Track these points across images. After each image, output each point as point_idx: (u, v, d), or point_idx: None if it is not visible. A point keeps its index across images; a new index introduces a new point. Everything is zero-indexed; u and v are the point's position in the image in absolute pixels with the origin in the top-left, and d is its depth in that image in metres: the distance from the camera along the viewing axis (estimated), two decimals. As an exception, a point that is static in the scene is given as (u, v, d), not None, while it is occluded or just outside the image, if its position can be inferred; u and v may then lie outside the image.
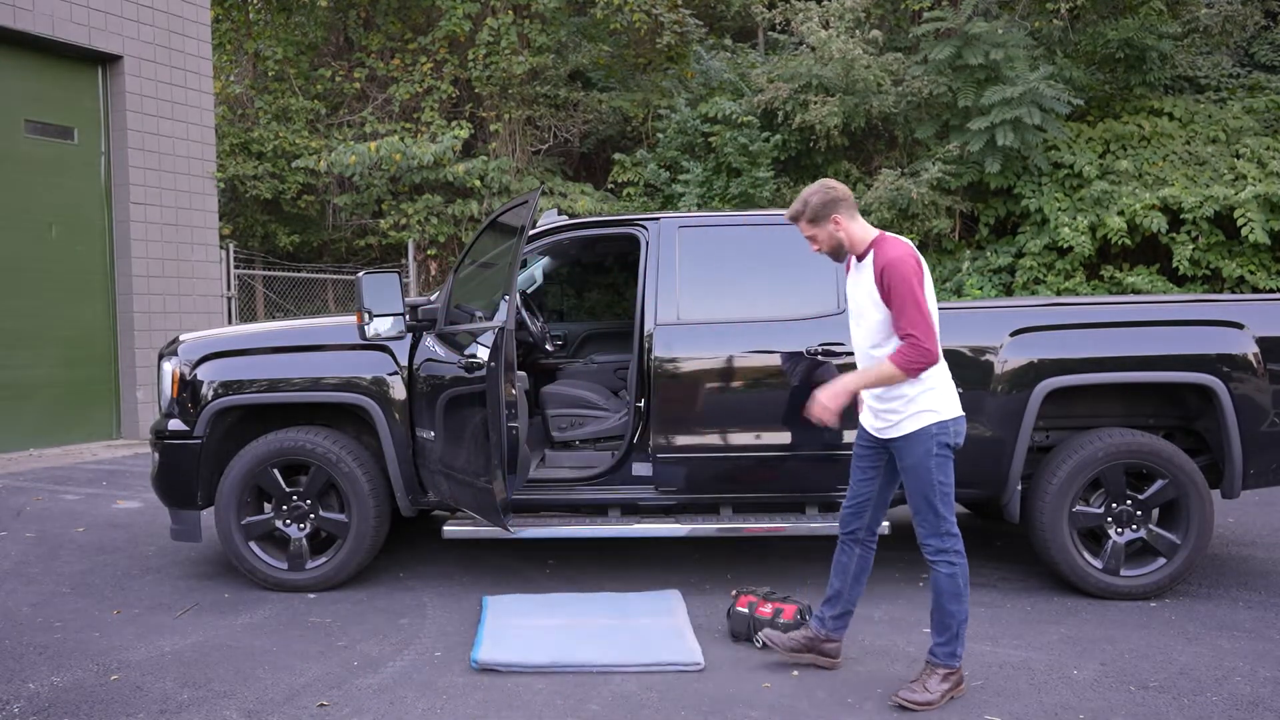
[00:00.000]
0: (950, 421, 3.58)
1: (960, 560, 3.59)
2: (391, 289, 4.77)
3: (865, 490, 3.83)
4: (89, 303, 10.46)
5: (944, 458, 3.58)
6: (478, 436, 4.27)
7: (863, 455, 3.82)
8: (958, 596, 3.58)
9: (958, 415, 3.61)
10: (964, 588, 3.59)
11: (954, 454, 3.62)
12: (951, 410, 3.60)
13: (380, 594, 4.95)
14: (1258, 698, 3.60)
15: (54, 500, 7.35)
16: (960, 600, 3.58)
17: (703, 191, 13.62)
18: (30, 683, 3.82)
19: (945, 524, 3.59)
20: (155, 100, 10.91)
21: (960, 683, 3.62)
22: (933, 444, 3.54)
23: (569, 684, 3.76)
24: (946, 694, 3.57)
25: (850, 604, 3.91)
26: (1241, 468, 4.73)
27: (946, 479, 3.59)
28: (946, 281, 13.15)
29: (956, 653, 3.60)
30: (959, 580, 3.58)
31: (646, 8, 14.49)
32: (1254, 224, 11.69)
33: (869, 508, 3.85)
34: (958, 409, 3.63)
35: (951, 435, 3.58)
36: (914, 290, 3.45)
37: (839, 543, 3.93)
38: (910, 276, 3.46)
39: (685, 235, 5.03)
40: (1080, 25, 14.17)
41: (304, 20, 15.63)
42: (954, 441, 3.60)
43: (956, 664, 3.60)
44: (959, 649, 3.61)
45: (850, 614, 3.93)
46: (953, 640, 3.60)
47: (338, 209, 14.98)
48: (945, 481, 3.58)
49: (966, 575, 3.61)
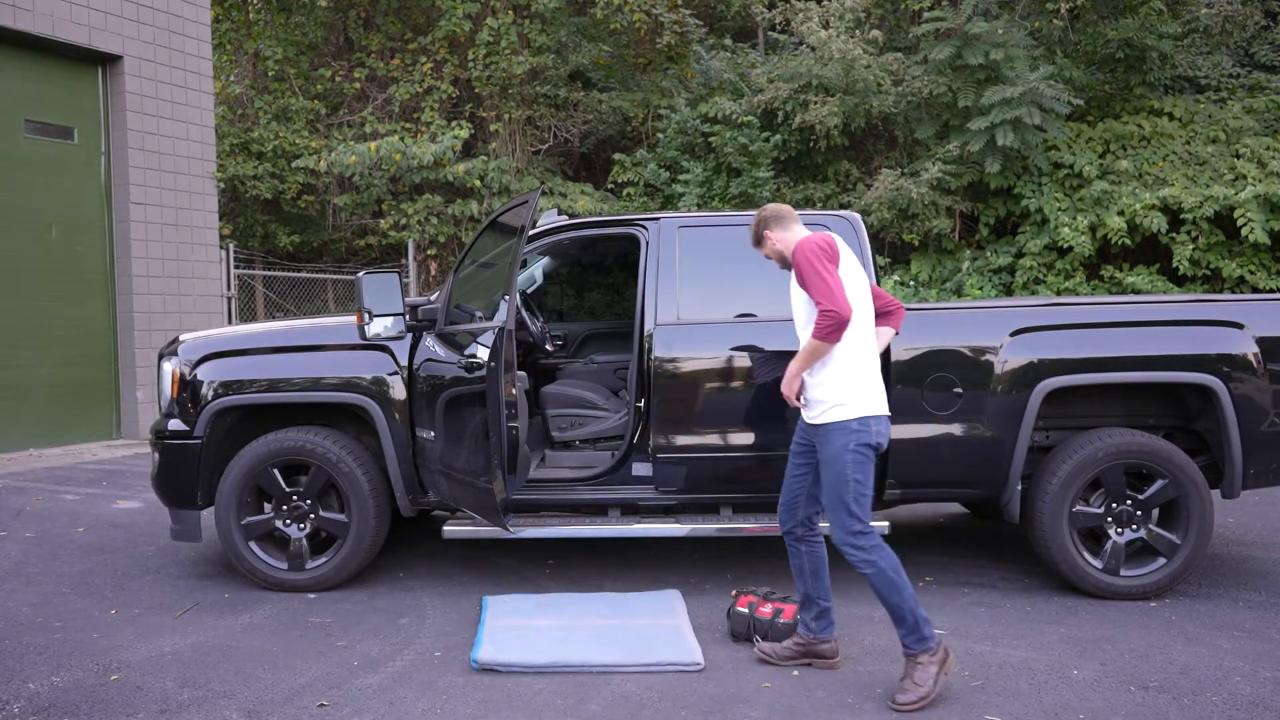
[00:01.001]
0: (871, 419, 3.66)
1: (880, 555, 3.63)
2: (391, 289, 4.77)
3: (797, 486, 3.93)
4: (89, 303, 10.46)
5: (862, 456, 3.64)
6: (478, 436, 4.26)
7: (798, 451, 3.92)
8: (894, 587, 3.61)
9: (880, 414, 3.69)
10: (896, 577, 3.61)
11: (875, 456, 3.68)
12: (873, 408, 3.67)
13: (380, 594, 4.95)
14: (1258, 698, 3.60)
15: (54, 500, 7.36)
16: (898, 591, 3.61)
17: (703, 191, 13.62)
18: (30, 683, 3.82)
19: (856, 524, 3.64)
20: (155, 100, 10.91)
21: (946, 659, 3.61)
22: (851, 439, 3.63)
23: (569, 684, 3.76)
24: (935, 676, 3.57)
25: (823, 601, 3.93)
26: (1241, 468, 4.72)
27: (863, 479, 3.64)
28: (946, 281, 13.16)
29: (924, 635, 3.60)
30: (888, 574, 3.61)
31: (646, 8, 14.49)
32: (1254, 224, 11.69)
33: (800, 504, 3.92)
34: (881, 408, 3.70)
35: (872, 434, 3.65)
36: (814, 266, 3.60)
37: (787, 546, 4.01)
38: (811, 255, 3.62)
39: (685, 235, 5.03)
40: (1080, 25, 14.18)
41: (304, 20, 15.62)
42: (875, 441, 3.66)
43: (932, 644, 3.60)
44: (925, 630, 3.61)
45: (828, 612, 3.93)
46: (914, 627, 3.61)
47: (338, 209, 14.98)
48: (861, 481, 3.64)
49: (894, 563, 3.63)
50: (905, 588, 3.62)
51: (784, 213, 3.88)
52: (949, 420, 4.77)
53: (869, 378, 3.70)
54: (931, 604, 4.71)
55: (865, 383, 3.69)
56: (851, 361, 3.67)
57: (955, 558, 5.58)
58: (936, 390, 4.77)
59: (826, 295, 3.55)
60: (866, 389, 3.68)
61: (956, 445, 4.78)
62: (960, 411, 4.76)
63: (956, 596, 4.85)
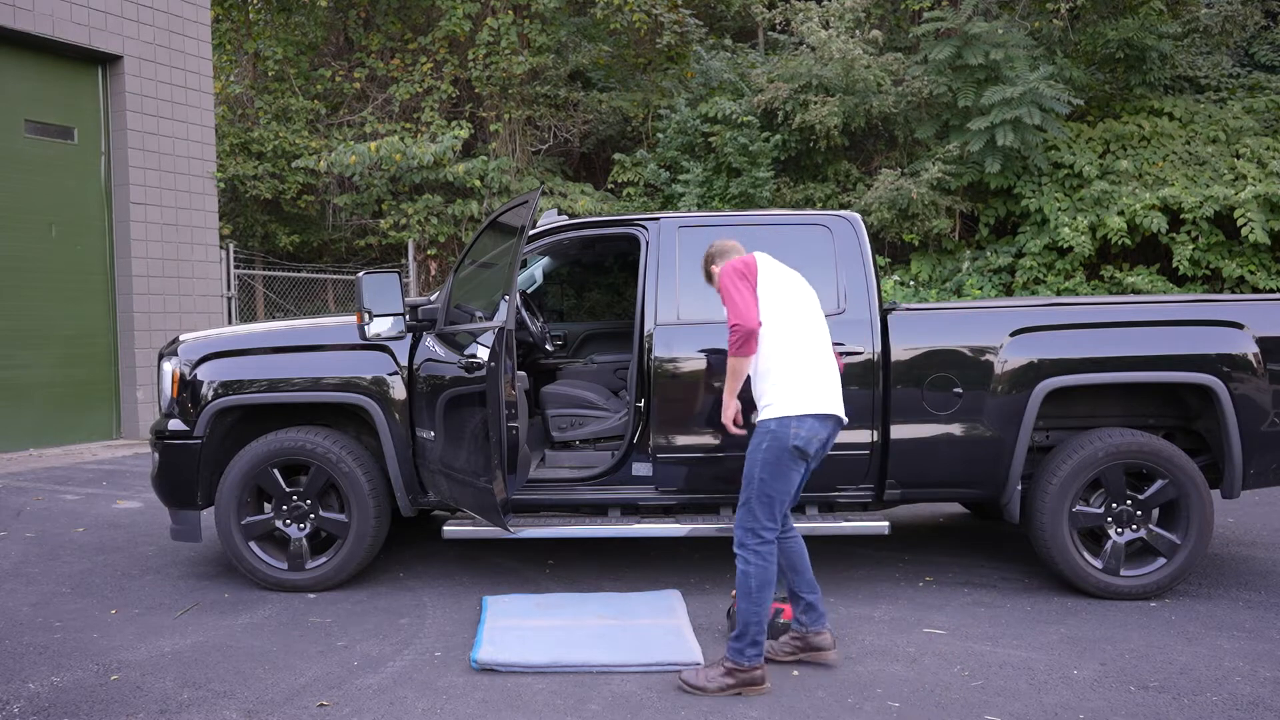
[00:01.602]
0: (793, 419, 3.68)
1: (757, 563, 3.65)
2: (391, 289, 4.77)
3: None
4: (89, 303, 10.46)
5: (774, 457, 3.67)
6: (478, 436, 4.26)
7: None
8: (750, 597, 3.64)
9: (801, 413, 3.69)
10: (758, 591, 3.64)
11: (798, 457, 3.69)
12: (796, 408, 3.69)
13: (380, 594, 4.95)
14: (1258, 698, 3.60)
15: (54, 500, 7.35)
16: (751, 600, 3.64)
17: (703, 191, 13.62)
18: (30, 683, 3.82)
19: (756, 523, 3.68)
20: (155, 100, 10.91)
21: (751, 684, 3.62)
22: (765, 439, 3.71)
23: (569, 684, 3.76)
24: (727, 689, 3.60)
25: (806, 595, 3.95)
26: (1241, 468, 4.72)
27: (769, 478, 3.68)
28: (946, 281, 13.16)
29: (744, 652, 3.62)
30: (751, 581, 3.65)
31: (646, 8, 14.49)
32: (1254, 224, 11.69)
33: None
34: (808, 408, 3.70)
35: (790, 436, 3.67)
36: (726, 286, 3.82)
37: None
38: (725, 277, 3.85)
39: (685, 235, 5.03)
40: (1080, 25, 14.18)
41: (304, 20, 15.62)
42: (795, 443, 3.67)
43: (744, 662, 3.61)
44: (750, 652, 3.62)
45: (814, 605, 3.94)
46: (747, 642, 3.63)
47: (338, 209, 14.98)
48: (766, 480, 3.68)
49: (766, 579, 3.65)
50: (762, 604, 3.65)
51: (728, 248, 4.13)
52: (949, 420, 4.77)
53: (800, 380, 3.74)
54: (931, 604, 4.72)
55: (793, 385, 3.72)
56: (781, 365, 3.76)
57: (955, 558, 5.58)
58: (936, 390, 4.77)
59: (732, 311, 3.76)
60: (793, 391, 3.72)
61: (956, 445, 4.78)
62: (960, 411, 4.76)
63: (956, 596, 4.85)
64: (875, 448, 4.80)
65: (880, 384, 4.77)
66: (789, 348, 3.79)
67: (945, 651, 4.09)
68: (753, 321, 3.73)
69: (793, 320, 3.83)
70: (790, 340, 3.80)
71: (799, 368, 3.77)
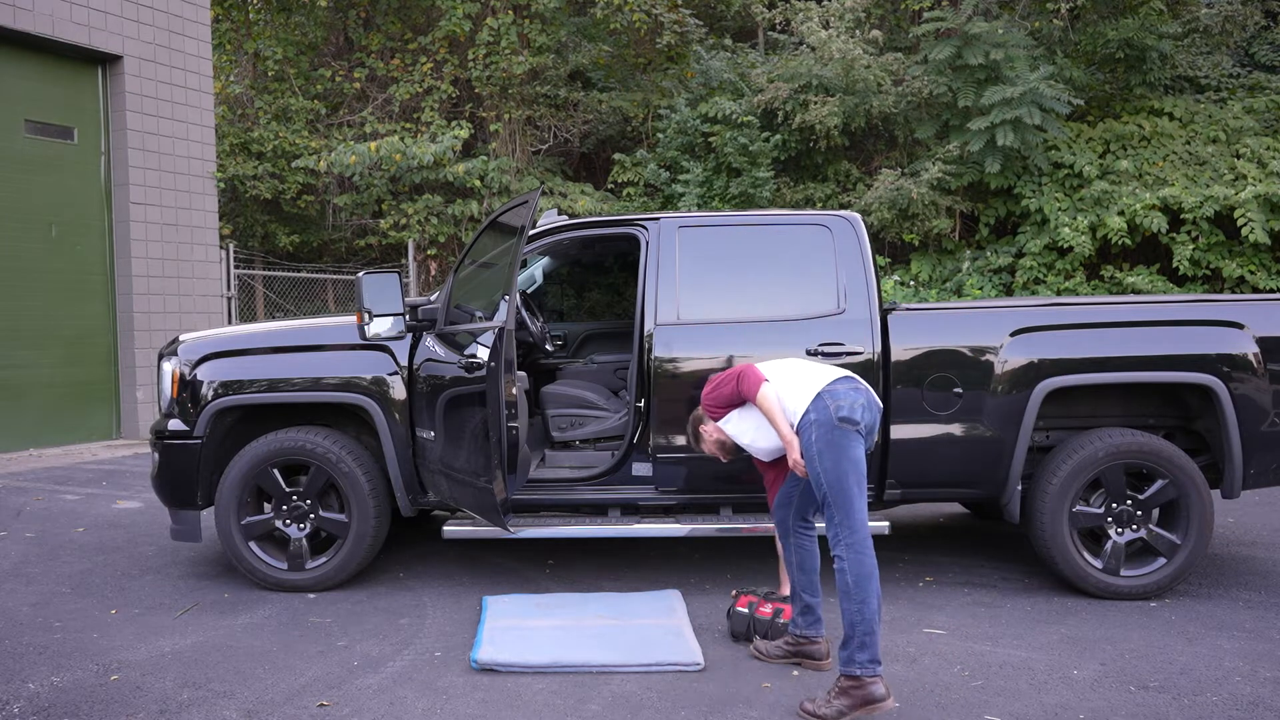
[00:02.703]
0: (823, 395, 3.63)
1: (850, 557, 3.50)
2: (391, 289, 4.77)
3: (791, 484, 3.96)
4: (89, 303, 10.46)
5: (829, 441, 3.54)
6: (478, 436, 4.26)
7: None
8: (847, 594, 3.49)
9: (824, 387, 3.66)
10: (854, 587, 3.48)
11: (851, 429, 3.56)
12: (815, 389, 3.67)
13: (380, 594, 4.95)
14: (1258, 698, 3.60)
15: (54, 500, 7.35)
16: (850, 598, 3.47)
17: (703, 191, 13.62)
18: (30, 683, 3.82)
19: (843, 518, 3.54)
20: (155, 100, 10.91)
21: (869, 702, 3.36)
22: (811, 431, 3.60)
23: (569, 684, 3.76)
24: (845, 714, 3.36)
25: (807, 597, 3.93)
26: (1241, 468, 4.72)
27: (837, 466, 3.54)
28: (946, 281, 13.16)
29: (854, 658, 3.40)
30: (847, 577, 3.49)
31: (646, 8, 14.49)
32: (1254, 224, 11.69)
33: (795, 500, 3.93)
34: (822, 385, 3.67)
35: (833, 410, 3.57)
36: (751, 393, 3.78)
37: (778, 540, 4.06)
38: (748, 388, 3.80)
39: (685, 235, 5.02)
40: (1080, 25, 14.18)
41: (304, 20, 15.62)
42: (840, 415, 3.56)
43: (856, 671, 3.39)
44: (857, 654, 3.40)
45: (813, 609, 3.92)
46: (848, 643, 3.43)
47: (338, 209, 14.98)
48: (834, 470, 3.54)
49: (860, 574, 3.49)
50: (864, 600, 3.46)
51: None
52: (949, 420, 4.77)
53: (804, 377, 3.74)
54: (931, 604, 4.72)
55: (802, 383, 3.72)
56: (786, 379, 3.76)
57: (955, 558, 5.58)
58: (936, 390, 4.77)
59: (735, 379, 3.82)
60: (804, 387, 3.70)
61: (956, 445, 4.79)
62: (960, 411, 4.76)
63: (956, 596, 4.85)
64: (875, 448, 4.79)
65: (880, 384, 4.77)
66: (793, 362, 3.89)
67: (945, 651, 4.09)
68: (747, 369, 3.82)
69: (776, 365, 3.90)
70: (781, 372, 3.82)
71: (798, 376, 3.77)
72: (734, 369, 3.90)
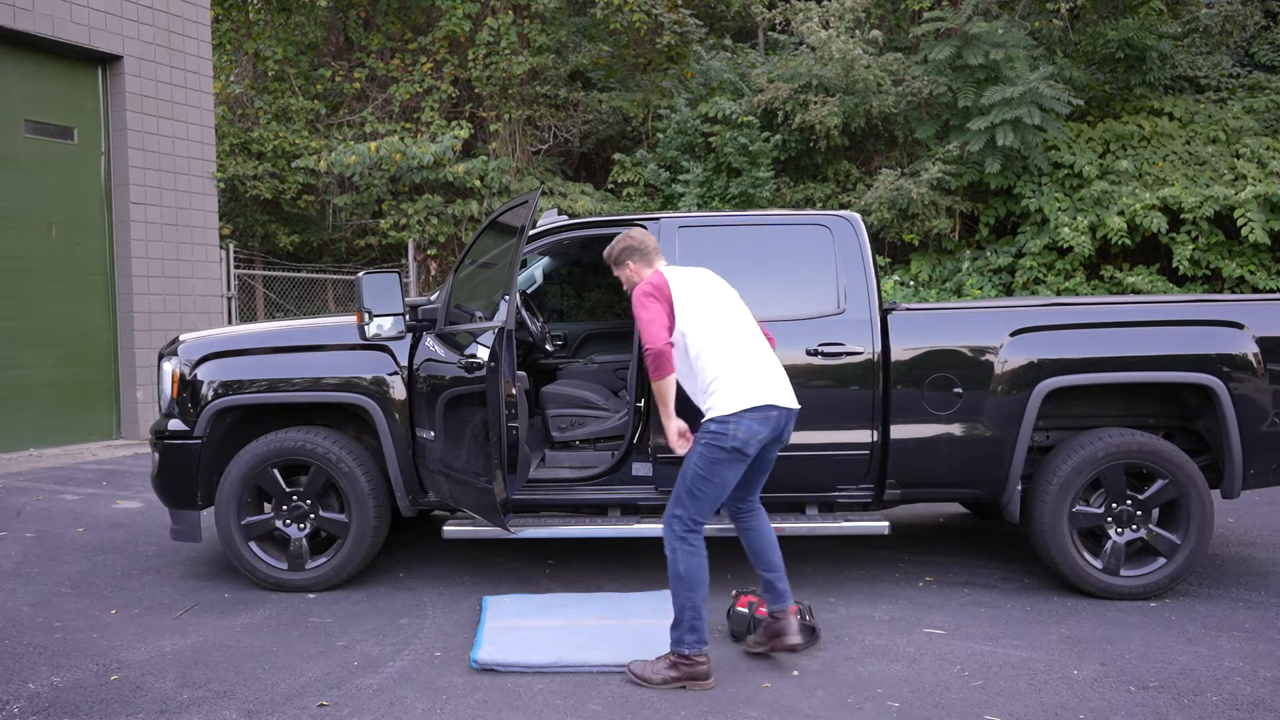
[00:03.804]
0: (731, 418, 3.69)
1: (682, 549, 3.72)
2: (391, 289, 4.76)
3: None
4: (89, 303, 10.46)
5: (713, 459, 3.70)
6: (478, 436, 4.26)
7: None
8: (678, 580, 3.71)
9: (739, 410, 3.69)
10: (685, 576, 3.70)
11: (738, 457, 3.71)
12: (731, 405, 3.70)
13: (380, 594, 4.95)
14: (1258, 698, 3.60)
15: (54, 500, 7.36)
16: (681, 584, 3.70)
17: (703, 191, 13.62)
18: (30, 683, 3.82)
19: (684, 512, 3.75)
20: (155, 100, 10.91)
21: (695, 678, 3.68)
22: (705, 438, 3.73)
23: (569, 684, 3.76)
24: (671, 681, 3.67)
25: (764, 572, 3.98)
26: (1241, 468, 4.72)
27: (706, 474, 3.71)
28: (946, 281, 13.16)
29: (683, 639, 3.70)
30: (678, 566, 3.71)
31: (646, 8, 14.49)
32: (1254, 224, 11.69)
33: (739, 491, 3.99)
34: (741, 404, 3.70)
35: (729, 438, 3.69)
36: (637, 310, 3.85)
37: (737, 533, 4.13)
38: (639, 298, 3.87)
39: (685, 235, 5.02)
40: (1080, 25, 14.18)
41: (304, 20, 15.63)
42: (733, 444, 3.68)
43: (685, 650, 3.69)
44: (686, 635, 3.70)
45: (773, 584, 3.96)
46: (678, 625, 3.72)
47: (338, 209, 14.98)
48: (703, 476, 3.71)
49: (694, 566, 3.70)
50: (693, 589, 3.70)
51: (648, 247, 4.10)
52: (949, 420, 4.77)
53: (735, 378, 3.75)
54: (931, 604, 4.72)
55: (728, 384, 3.74)
56: (713, 368, 3.77)
57: (955, 558, 5.58)
58: (936, 390, 4.77)
59: (645, 335, 3.79)
60: (728, 389, 3.74)
61: (956, 445, 4.78)
62: (960, 411, 4.76)
63: (956, 596, 4.85)
64: (875, 448, 4.80)
65: (880, 384, 4.77)
66: (718, 349, 3.81)
67: (945, 651, 4.09)
68: (658, 342, 3.76)
69: (716, 323, 3.86)
70: (718, 342, 3.82)
71: (732, 366, 3.78)
72: (652, 344, 3.77)
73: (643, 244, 4.10)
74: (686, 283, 3.93)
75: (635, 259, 4.09)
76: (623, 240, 4.13)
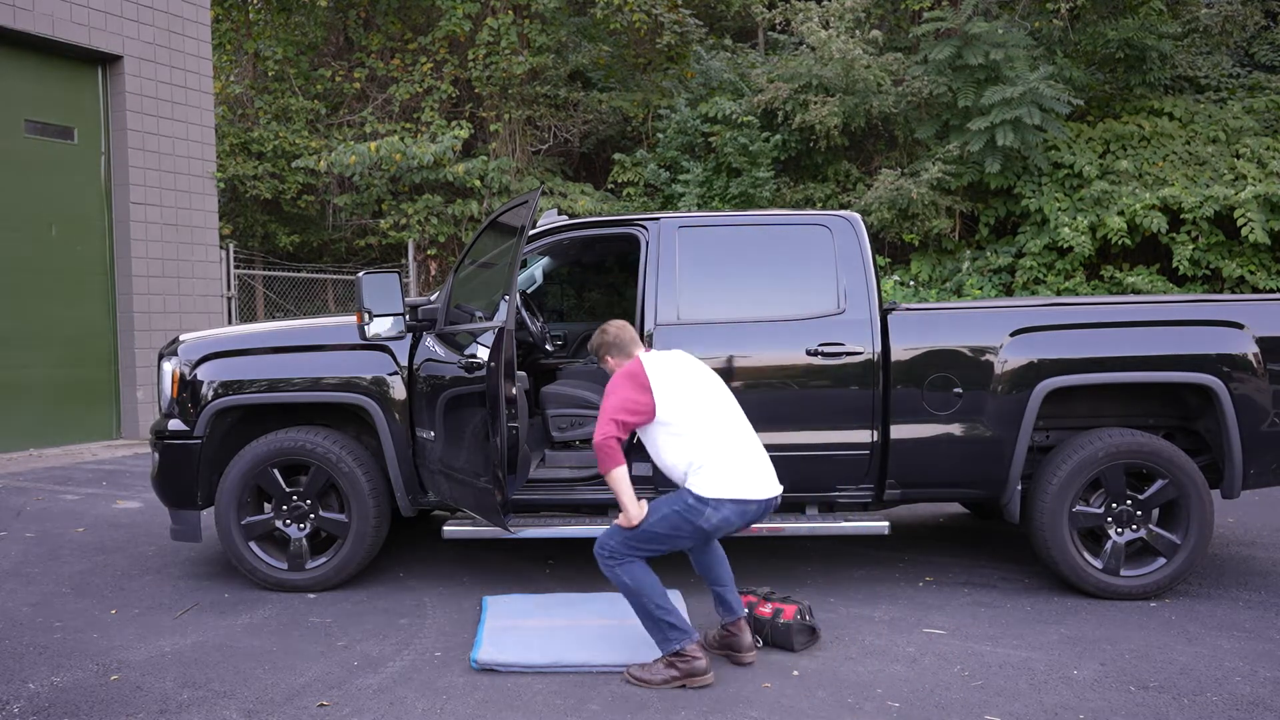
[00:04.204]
0: (711, 502, 3.73)
1: (616, 567, 3.78)
2: (391, 289, 4.76)
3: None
4: (89, 303, 10.46)
5: (677, 525, 3.76)
6: (478, 436, 4.26)
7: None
8: (629, 591, 3.76)
9: (722, 498, 3.74)
10: (634, 585, 3.75)
11: (701, 535, 3.79)
12: (719, 490, 3.75)
13: (380, 594, 4.95)
14: (1258, 698, 3.60)
15: (54, 500, 7.36)
16: (633, 594, 3.75)
17: (703, 191, 13.62)
18: (30, 683, 3.82)
19: (616, 545, 3.79)
20: (155, 100, 10.91)
21: (694, 675, 3.69)
22: (680, 505, 3.77)
23: (569, 684, 3.76)
24: (672, 681, 3.68)
25: (715, 584, 4.01)
26: (1241, 468, 4.72)
27: (659, 538, 3.77)
28: (946, 281, 13.16)
29: (667, 636, 3.72)
30: (623, 580, 3.77)
31: (646, 8, 14.49)
32: (1254, 224, 11.69)
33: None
34: (728, 492, 3.75)
35: (706, 518, 3.74)
36: (606, 392, 3.88)
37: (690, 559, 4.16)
38: (611, 382, 3.90)
39: (685, 235, 5.02)
40: (1080, 25, 14.18)
41: (304, 20, 15.63)
42: (706, 525, 3.75)
43: (675, 645, 3.70)
44: (669, 632, 3.72)
45: (722, 595, 4.00)
46: (655, 628, 3.75)
47: (338, 209, 14.98)
48: (653, 537, 3.77)
49: (633, 574, 3.77)
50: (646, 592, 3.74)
51: (624, 340, 4.08)
52: (949, 420, 4.77)
53: (727, 464, 3.78)
54: (931, 604, 4.72)
55: (720, 468, 3.78)
56: (699, 452, 3.78)
57: (955, 558, 5.58)
58: (936, 390, 4.77)
59: (599, 429, 3.81)
60: (719, 473, 3.77)
61: (956, 445, 4.78)
62: (960, 411, 4.76)
63: (956, 596, 4.85)
64: (875, 448, 4.80)
65: (880, 384, 4.77)
66: (701, 434, 3.81)
67: (945, 651, 4.09)
68: (603, 433, 3.77)
69: (697, 407, 3.85)
70: (700, 427, 3.83)
71: (716, 452, 3.80)
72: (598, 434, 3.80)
73: (618, 338, 4.08)
74: (664, 368, 3.92)
75: (613, 354, 4.09)
76: (598, 336, 4.13)
